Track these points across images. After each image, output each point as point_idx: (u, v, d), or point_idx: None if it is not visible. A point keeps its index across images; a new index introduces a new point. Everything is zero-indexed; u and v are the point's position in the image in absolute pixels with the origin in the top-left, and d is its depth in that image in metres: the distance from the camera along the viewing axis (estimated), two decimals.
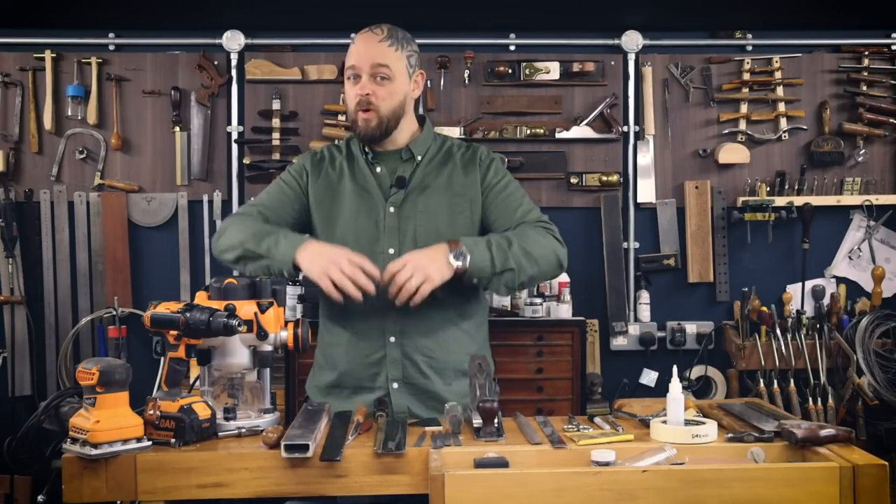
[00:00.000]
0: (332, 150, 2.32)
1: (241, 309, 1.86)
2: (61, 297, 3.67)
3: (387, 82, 2.14)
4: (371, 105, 2.14)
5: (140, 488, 1.70)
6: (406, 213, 2.19)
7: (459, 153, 2.27)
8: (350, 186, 2.23)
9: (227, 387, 1.95)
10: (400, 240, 2.18)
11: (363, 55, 2.14)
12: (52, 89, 3.63)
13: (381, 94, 2.14)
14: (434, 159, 2.25)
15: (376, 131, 2.17)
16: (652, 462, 1.67)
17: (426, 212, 2.19)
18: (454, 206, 2.21)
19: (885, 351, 3.54)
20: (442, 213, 2.19)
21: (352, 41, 2.21)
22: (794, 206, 3.64)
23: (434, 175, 2.23)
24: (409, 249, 2.12)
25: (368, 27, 2.20)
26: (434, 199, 2.20)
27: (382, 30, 2.17)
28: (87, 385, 1.72)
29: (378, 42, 2.15)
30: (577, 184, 3.71)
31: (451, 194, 2.21)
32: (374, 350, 2.16)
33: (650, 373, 3.74)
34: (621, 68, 3.73)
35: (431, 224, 2.18)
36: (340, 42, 3.71)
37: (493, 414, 1.83)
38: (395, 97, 2.16)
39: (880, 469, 1.60)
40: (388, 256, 2.15)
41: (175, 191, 3.70)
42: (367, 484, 1.73)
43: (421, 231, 2.18)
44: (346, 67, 2.17)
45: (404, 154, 2.23)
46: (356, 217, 2.20)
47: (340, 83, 3.68)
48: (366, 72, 2.13)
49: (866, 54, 3.73)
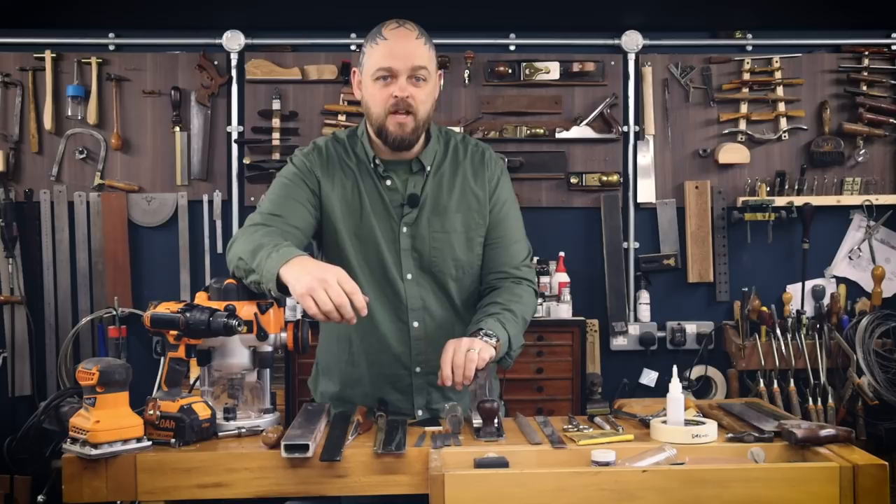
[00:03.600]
0: (335, 145, 2.14)
1: (242, 309, 1.86)
2: (61, 297, 3.67)
3: (423, 83, 2.00)
4: (410, 108, 1.99)
5: (140, 488, 1.70)
6: (420, 234, 2.08)
7: (468, 156, 2.15)
8: (367, 200, 2.08)
9: (227, 387, 1.95)
10: (415, 263, 2.08)
11: (401, 55, 1.98)
12: (52, 89, 3.63)
13: (419, 96, 2.00)
14: (443, 167, 2.12)
15: (412, 136, 2.03)
16: (652, 462, 1.67)
17: (441, 232, 2.09)
18: (469, 224, 2.11)
19: (885, 351, 3.54)
20: (457, 233, 2.10)
21: (382, 38, 2.00)
22: (794, 206, 3.64)
23: (447, 188, 2.10)
24: (425, 275, 2.08)
25: (395, 21, 2.02)
26: (449, 218, 2.09)
27: (412, 26, 2.02)
28: (87, 385, 1.72)
29: (415, 39, 2.00)
30: (577, 184, 3.71)
31: (465, 208, 2.10)
32: (398, 379, 2.11)
33: (650, 373, 3.74)
34: (621, 68, 3.73)
35: (447, 248, 2.09)
36: (340, 42, 3.72)
37: (493, 414, 1.83)
38: (431, 99, 2.04)
39: (880, 469, 1.60)
40: (408, 283, 2.08)
41: (175, 191, 3.69)
42: (367, 484, 1.73)
43: (436, 255, 2.08)
44: (378, 69, 1.99)
45: (414, 165, 2.10)
46: (376, 235, 2.07)
47: (340, 83, 3.69)
48: (404, 73, 1.98)
49: (866, 54, 3.73)
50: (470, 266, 2.13)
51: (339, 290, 1.74)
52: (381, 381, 2.12)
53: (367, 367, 2.13)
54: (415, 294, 2.09)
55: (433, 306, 2.11)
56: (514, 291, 2.11)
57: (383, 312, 2.10)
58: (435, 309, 2.11)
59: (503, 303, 2.07)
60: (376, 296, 2.08)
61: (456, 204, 2.10)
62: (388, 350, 2.11)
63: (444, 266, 2.09)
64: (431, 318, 2.10)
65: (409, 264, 2.09)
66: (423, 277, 2.10)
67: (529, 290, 2.15)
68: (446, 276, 2.10)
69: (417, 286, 2.09)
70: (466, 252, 2.11)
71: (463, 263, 2.11)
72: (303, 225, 2.06)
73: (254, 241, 1.94)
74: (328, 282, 1.74)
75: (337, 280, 1.74)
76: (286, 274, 1.78)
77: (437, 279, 2.10)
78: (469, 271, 2.13)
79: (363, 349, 2.13)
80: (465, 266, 2.12)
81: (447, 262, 2.09)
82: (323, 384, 2.23)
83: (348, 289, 1.75)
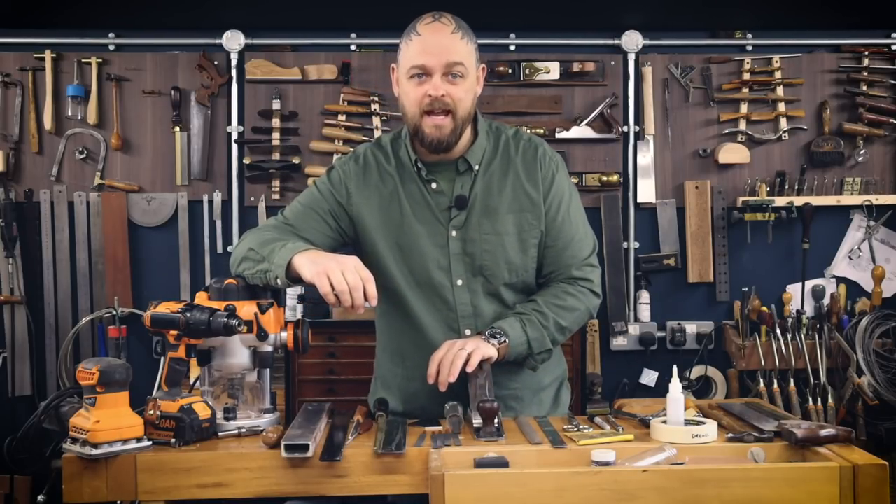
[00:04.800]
0: (376, 152, 2.06)
1: (242, 309, 1.86)
2: (61, 297, 3.67)
3: (460, 80, 1.90)
4: (447, 106, 1.90)
5: (140, 488, 1.70)
6: (471, 236, 1.99)
7: (520, 154, 2.04)
8: (408, 205, 2.00)
9: (227, 387, 1.95)
10: (466, 268, 2.00)
11: (435, 52, 1.88)
12: (52, 89, 3.63)
13: (456, 94, 1.90)
14: (492, 166, 2.02)
15: (451, 137, 1.93)
16: (652, 462, 1.67)
17: (493, 234, 1.99)
18: (522, 225, 2.01)
19: (885, 351, 3.53)
20: (510, 235, 2.00)
21: (416, 34, 1.92)
22: (794, 206, 3.64)
23: (497, 189, 2.00)
24: (476, 280, 2.00)
25: (430, 15, 1.94)
26: (500, 220, 1.99)
27: (449, 19, 1.93)
28: (87, 385, 1.72)
29: (450, 34, 1.90)
30: (577, 184, 3.71)
31: (517, 209, 2.00)
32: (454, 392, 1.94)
33: (650, 373, 3.74)
34: (621, 68, 3.73)
35: (500, 251, 1.99)
36: (340, 42, 3.72)
37: (493, 414, 1.83)
38: (470, 96, 1.93)
39: (880, 469, 1.60)
40: (458, 289, 2.01)
41: (175, 191, 3.69)
42: (367, 484, 1.73)
43: (488, 258, 1.99)
44: (412, 66, 1.90)
45: (461, 165, 2.00)
46: (421, 242, 1.99)
47: (341, 83, 3.69)
48: (439, 71, 1.89)
49: (866, 54, 3.73)
50: (524, 269, 2.04)
51: (355, 274, 1.76)
52: (438, 395, 1.93)
53: (422, 381, 1.97)
54: (465, 300, 2.02)
55: (486, 312, 2.03)
56: (559, 293, 2.03)
57: (432, 322, 2.03)
58: (488, 315, 2.03)
59: (539, 304, 2.01)
60: (424, 305, 2.03)
61: (508, 204, 2.00)
62: None
63: (497, 269, 2.01)
64: (484, 324, 2.01)
65: (459, 269, 2.00)
66: (474, 283, 2.02)
67: (583, 291, 2.05)
68: (498, 279, 2.02)
69: (468, 292, 2.02)
70: (520, 255, 2.02)
71: (516, 266, 2.02)
72: (315, 238, 2.02)
73: (265, 237, 1.95)
74: (345, 264, 1.77)
75: (354, 266, 1.77)
76: (299, 259, 1.80)
77: (489, 283, 2.02)
78: (523, 275, 2.04)
79: (417, 363, 2.03)
80: (519, 269, 2.03)
81: (500, 265, 2.00)
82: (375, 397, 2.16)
83: (364, 275, 1.77)
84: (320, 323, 3.41)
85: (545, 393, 2.15)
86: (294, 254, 1.82)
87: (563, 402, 2.20)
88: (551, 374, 2.16)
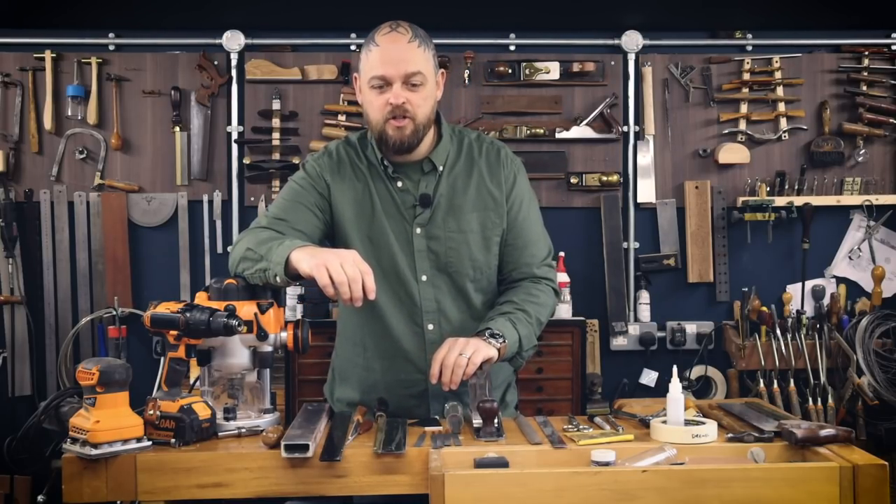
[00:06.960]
0: (347, 149, 2.14)
1: (241, 309, 1.86)
2: (61, 297, 3.67)
3: (420, 88, 1.98)
4: (407, 113, 1.98)
5: (140, 488, 1.70)
6: (435, 234, 2.06)
7: (483, 155, 2.12)
8: (378, 201, 2.07)
9: (227, 387, 1.95)
10: (430, 265, 2.06)
11: (393, 63, 1.96)
12: (52, 89, 3.63)
13: (416, 101, 1.98)
14: (456, 167, 2.10)
15: (412, 139, 2.01)
16: (652, 462, 1.67)
17: (458, 232, 2.06)
18: (486, 224, 2.08)
19: (885, 351, 3.53)
20: (474, 233, 2.07)
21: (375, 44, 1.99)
22: (794, 206, 3.64)
23: (462, 188, 2.08)
24: (441, 276, 2.06)
25: (388, 26, 2.00)
26: (465, 218, 2.07)
27: (406, 29, 1.99)
28: (87, 385, 1.72)
29: (407, 44, 1.97)
30: (577, 184, 3.71)
31: (481, 207, 2.08)
32: (413, 384, 2.09)
33: (650, 373, 3.74)
34: (621, 68, 3.73)
35: (464, 248, 2.06)
36: (340, 42, 3.72)
37: (493, 414, 1.83)
38: (429, 102, 2.02)
39: (880, 469, 1.60)
40: (423, 284, 2.06)
41: (175, 191, 3.69)
42: (367, 484, 1.73)
43: (453, 255, 2.06)
44: (372, 77, 1.97)
45: (425, 165, 2.08)
46: (389, 237, 2.06)
47: (341, 83, 3.69)
48: (398, 80, 1.96)
49: (866, 54, 3.73)
50: (487, 267, 2.11)
51: (354, 267, 1.78)
52: (397, 387, 2.09)
53: (381, 373, 2.11)
54: (429, 296, 2.07)
55: (449, 309, 2.09)
56: (531, 291, 2.10)
57: (397, 315, 2.08)
58: (451, 311, 2.09)
59: (518, 302, 2.06)
60: (389, 298, 2.07)
61: (472, 203, 2.08)
62: (403, 354, 2.09)
63: (461, 267, 2.07)
64: (447, 321, 2.08)
65: (424, 265, 2.07)
66: (438, 279, 2.08)
67: (548, 290, 2.14)
68: (463, 277, 2.08)
69: (433, 288, 2.07)
70: (483, 252, 2.09)
71: (480, 264, 2.09)
72: (308, 229, 2.06)
73: (261, 236, 1.98)
74: (344, 257, 1.79)
75: (353, 258, 1.80)
76: (297, 255, 1.82)
77: (454, 280, 2.08)
78: (486, 272, 2.11)
79: (377, 354, 2.11)
80: (483, 267, 2.10)
81: (464, 262, 2.07)
82: (340, 390, 2.21)
83: (363, 268, 1.80)
84: (320, 323, 3.40)
85: (495, 393, 2.17)
86: (291, 250, 1.84)
87: (510, 403, 2.26)
88: (501, 376, 2.21)
